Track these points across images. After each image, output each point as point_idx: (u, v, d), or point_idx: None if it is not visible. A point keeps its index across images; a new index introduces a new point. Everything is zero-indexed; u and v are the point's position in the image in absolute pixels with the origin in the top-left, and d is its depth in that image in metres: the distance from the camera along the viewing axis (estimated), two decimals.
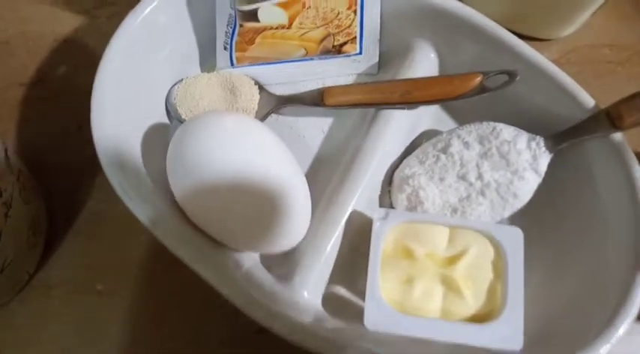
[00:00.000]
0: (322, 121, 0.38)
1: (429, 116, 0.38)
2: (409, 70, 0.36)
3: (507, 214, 0.33)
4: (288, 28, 0.35)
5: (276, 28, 0.35)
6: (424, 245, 0.31)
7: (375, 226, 0.31)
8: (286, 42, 0.36)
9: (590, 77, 0.44)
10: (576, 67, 0.44)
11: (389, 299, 0.30)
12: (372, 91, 0.34)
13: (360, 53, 0.38)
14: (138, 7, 0.34)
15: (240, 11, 0.34)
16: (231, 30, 0.35)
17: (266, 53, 0.36)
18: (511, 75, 0.33)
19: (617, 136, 0.32)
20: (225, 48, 0.36)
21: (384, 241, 0.31)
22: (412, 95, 0.34)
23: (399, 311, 0.30)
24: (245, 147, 0.29)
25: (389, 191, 0.36)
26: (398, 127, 0.35)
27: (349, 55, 0.38)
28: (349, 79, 0.39)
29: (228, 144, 0.29)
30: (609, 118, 0.31)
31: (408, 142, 0.37)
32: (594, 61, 0.45)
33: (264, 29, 0.35)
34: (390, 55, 0.39)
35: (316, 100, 0.35)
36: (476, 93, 0.33)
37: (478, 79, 0.33)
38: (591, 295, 0.31)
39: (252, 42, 0.35)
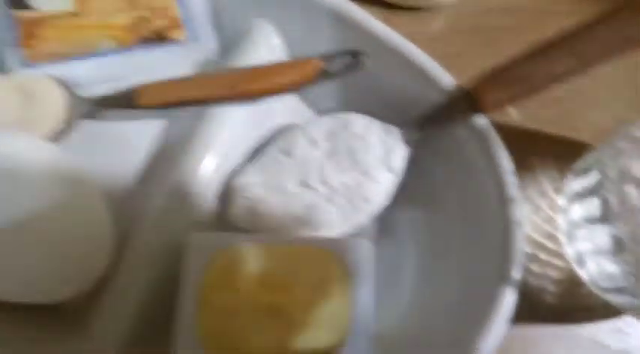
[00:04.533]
0: (154, 124, 0.32)
1: (283, 108, 0.32)
2: (244, 58, 0.30)
3: (364, 219, 0.28)
4: (78, 14, 0.28)
5: (63, 15, 0.28)
6: (255, 271, 0.26)
7: (188, 255, 0.25)
8: (84, 32, 0.29)
9: (481, 46, 0.38)
10: (465, 36, 0.39)
11: (210, 340, 0.25)
12: (193, 86, 0.28)
13: (191, 39, 0.32)
14: None
15: None
16: (6, 22, 0.28)
17: (64, 48, 0.29)
18: (355, 56, 0.27)
19: (481, 120, 0.26)
20: (9, 44, 0.29)
21: (202, 270, 0.25)
22: (240, 89, 0.28)
23: (225, 351, 0.25)
24: None
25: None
26: (232, 126, 0.29)
27: (178, 43, 0.31)
28: (189, 71, 0.33)
29: None
30: (469, 100, 0.26)
31: (254, 143, 0.31)
32: (485, 29, 0.39)
33: (47, 18, 0.28)
34: (236, 40, 0.33)
35: (129, 100, 0.29)
36: (317, 81, 0.28)
37: (317, 64, 0.27)
38: (466, 296, 0.26)
39: (36, 35, 0.28)
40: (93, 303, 0.27)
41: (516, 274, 0.24)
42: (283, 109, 0.32)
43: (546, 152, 0.35)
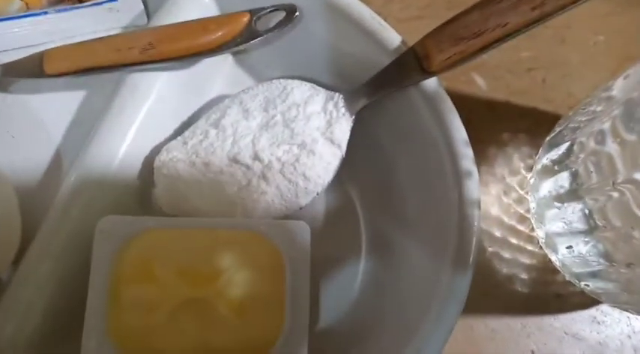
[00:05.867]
0: (68, 96, 0.28)
1: (221, 78, 0.29)
2: (168, 17, 0.26)
3: (304, 201, 0.25)
4: None
5: None
6: (175, 260, 0.22)
7: (97, 240, 0.22)
8: None
9: (444, 8, 0.35)
10: None
11: (122, 338, 0.21)
12: (107, 48, 0.25)
13: (114, 0, 0.28)
14: None
15: None
16: None
17: None
18: (289, 11, 0.24)
19: (432, 81, 0.23)
20: None
21: (114, 260, 0.22)
22: (157, 50, 0.24)
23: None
24: None
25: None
26: (157, 95, 0.26)
27: (99, 3, 0.28)
28: None
29: None
30: (418, 60, 0.23)
31: (186, 116, 0.28)
32: None
33: None
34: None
35: (36, 69, 0.25)
36: (244, 40, 0.24)
37: (244, 20, 0.24)
38: (419, 278, 0.24)
39: None
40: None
41: (470, 255, 0.21)
42: (220, 79, 0.29)
43: (518, 126, 0.32)
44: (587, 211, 0.22)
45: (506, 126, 0.32)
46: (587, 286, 0.25)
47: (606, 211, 0.21)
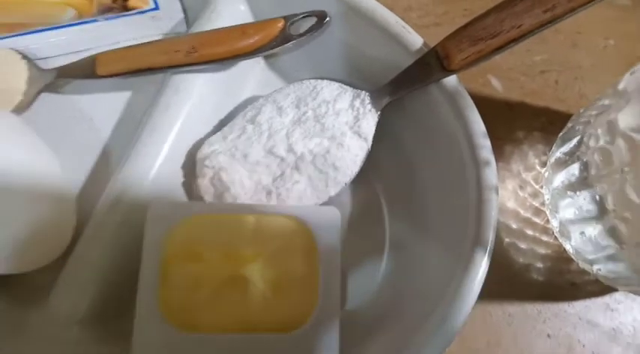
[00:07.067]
0: (116, 97, 0.31)
1: (254, 80, 0.31)
2: (208, 24, 0.29)
3: (333, 191, 0.27)
4: None
5: None
6: (220, 242, 0.24)
7: (149, 224, 0.24)
8: (40, 2, 0.28)
9: (461, 16, 0.37)
10: (445, 6, 0.37)
11: (173, 313, 0.23)
12: (153, 51, 0.27)
13: (156, 8, 0.31)
14: None
15: None
16: None
17: (21, 18, 0.29)
18: (320, 17, 0.26)
19: (451, 80, 0.25)
20: None
21: (165, 241, 0.24)
22: (200, 53, 0.26)
23: (187, 328, 0.23)
24: None
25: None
26: (198, 94, 0.28)
27: (143, 12, 0.30)
28: None
29: None
30: (438, 60, 0.25)
31: (223, 116, 0.30)
32: None
33: None
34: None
35: (88, 70, 0.28)
36: (279, 43, 0.26)
37: (279, 25, 0.26)
38: (441, 261, 0.25)
39: None
40: (55, 277, 0.26)
41: (489, 237, 0.23)
42: (253, 80, 0.31)
43: (532, 125, 0.34)
44: (597, 198, 0.24)
45: (521, 125, 0.34)
46: (600, 270, 0.27)
47: (615, 196, 0.23)
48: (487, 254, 0.22)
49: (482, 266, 0.22)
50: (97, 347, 0.24)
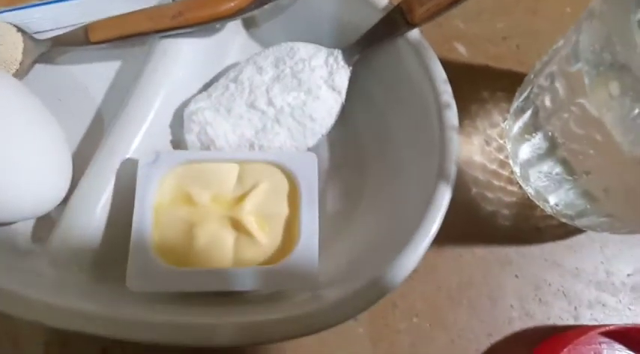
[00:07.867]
0: (107, 66, 0.33)
1: (236, 48, 0.34)
2: None
3: (312, 141, 0.29)
4: None
5: None
6: (208, 187, 0.27)
7: (140, 172, 0.26)
8: None
9: None
10: None
11: (167, 255, 0.26)
12: (142, 18, 0.29)
13: None
14: None
15: None
16: None
17: None
18: None
19: (415, 33, 0.28)
20: None
21: (156, 189, 0.26)
22: (185, 17, 0.29)
23: (182, 266, 0.25)
24: None
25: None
26: (184, 59, 0.30)
27: None
28: None
29: None
30: (402, 15, 0.27)
31: (207, 79, 0.32)
32: None
33: None
34: None
35: (81, 38, 0.30)
36: (258, 5, 0.29)
37: None
38: (407, 197, 0.28)
39: None
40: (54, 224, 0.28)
41: (451, 170, 0.25)
42: (235, 49, 0.33)
43: (496, 86, 0.37)
44: (549, 134, 0.26)
45: (485, 86, 0.36)
46: (557, 206, 0.29)
47: (562, 130, 0.25)
48: (450, 184, 0.25)
49: (445, 195, 0.25)
50: (95, 287, 0.26)
